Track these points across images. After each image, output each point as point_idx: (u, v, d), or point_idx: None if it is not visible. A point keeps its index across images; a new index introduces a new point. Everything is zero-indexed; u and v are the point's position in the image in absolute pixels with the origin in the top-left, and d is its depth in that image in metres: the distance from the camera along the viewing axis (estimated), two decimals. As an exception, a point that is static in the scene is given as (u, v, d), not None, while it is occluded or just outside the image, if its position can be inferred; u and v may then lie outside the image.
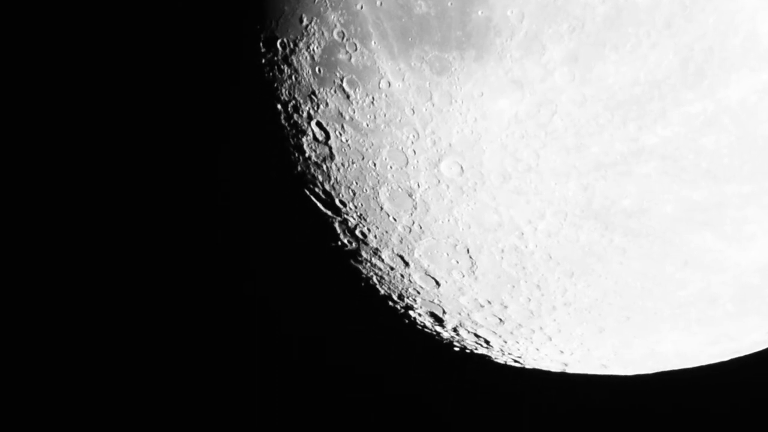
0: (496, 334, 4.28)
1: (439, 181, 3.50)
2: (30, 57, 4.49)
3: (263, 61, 3.47)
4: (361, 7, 3.24)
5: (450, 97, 3.29)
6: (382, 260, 3.95)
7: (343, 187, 3.67)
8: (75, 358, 7.86)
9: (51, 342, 7.81)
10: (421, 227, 3.70)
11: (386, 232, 3.78)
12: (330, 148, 3.56)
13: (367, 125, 3.43)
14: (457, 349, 4.59)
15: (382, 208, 3.68)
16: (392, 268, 3.98)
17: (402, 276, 4.00)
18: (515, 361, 4.65)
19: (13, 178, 6.04)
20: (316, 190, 3.73)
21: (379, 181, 3.58)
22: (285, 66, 3.45)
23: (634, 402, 7.92)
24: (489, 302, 4.02)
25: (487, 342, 4.41)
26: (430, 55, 3.24)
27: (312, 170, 3.67)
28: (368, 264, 4.00)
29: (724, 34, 3.10)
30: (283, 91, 3.50)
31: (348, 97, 3.39)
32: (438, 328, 4.36)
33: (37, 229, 6.70)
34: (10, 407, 7.94)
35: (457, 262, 3.82)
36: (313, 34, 3.34)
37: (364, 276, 4.09)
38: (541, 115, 3.27)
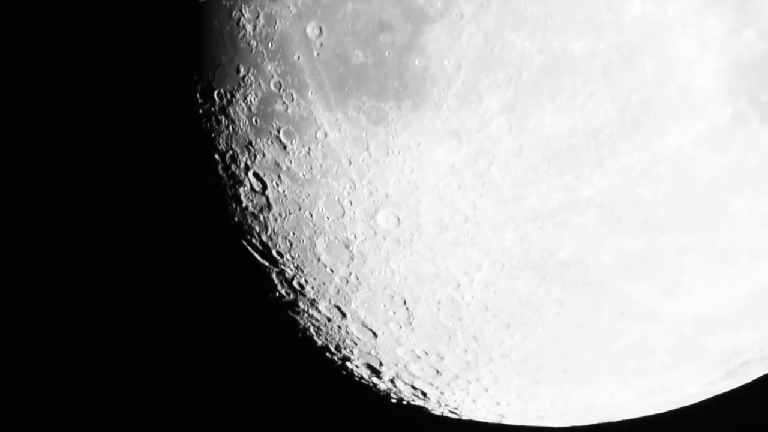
0: (432, 385, 4.24)
1: (375, 233, 3.48)
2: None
3: (200, 111, 3.45)
4: (298, 58, 3.23)
5: (387, 147, 3.27)
6: (319, 311, 3.91)
7: (280, 238, 3.64)
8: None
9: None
10: (358, 278, 3.67)
11: (323, 283, 3.74)
12: (267, 199, 3.53)
13: (304, 176, 3.41)
14: (394, 401, 4.55)
15: (319, 259, 3.65)
16: (329, 319, 3.94)
17: (339, 327, 3.96)
18: (452, 413, 4.61)
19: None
20: (254, 240, 3.70)
21: (315, 232, 3.55)
22: (222, 117, 3.43)
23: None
24: (426, 353, 3.98)
25: (424, 394, 4.37)
26: (366, 105, 3.23)
27: (249, 221, 3.64)
28: (306, 315, 3.96)
29: (661, 82, 3.11)
30: (221, 141, 3.47)
31: (285, 147, 3.37)
32: (375, 380, 4.32)
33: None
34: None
35: (394, 314, 3.78)
36: (250, 84, 3.33)
37: (301, 327, 4.04)
38: (478, 165, 3.26)
